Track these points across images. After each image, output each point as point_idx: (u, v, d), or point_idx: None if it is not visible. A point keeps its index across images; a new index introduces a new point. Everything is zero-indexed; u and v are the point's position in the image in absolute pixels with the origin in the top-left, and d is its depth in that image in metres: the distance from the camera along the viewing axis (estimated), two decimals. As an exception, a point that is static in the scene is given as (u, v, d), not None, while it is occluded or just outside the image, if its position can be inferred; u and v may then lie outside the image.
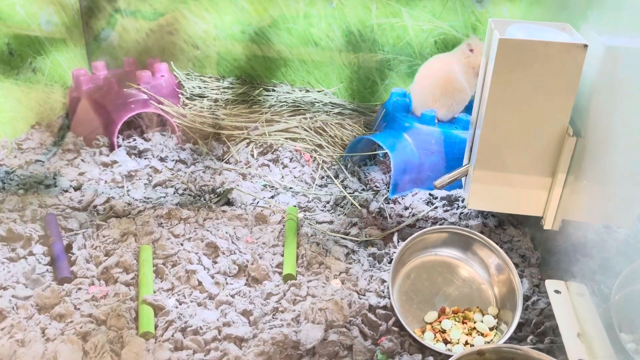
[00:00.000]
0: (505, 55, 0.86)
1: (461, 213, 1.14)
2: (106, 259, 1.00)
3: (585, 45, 0.83)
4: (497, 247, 0.93)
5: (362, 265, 1.03)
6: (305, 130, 1.40)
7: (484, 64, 0.97)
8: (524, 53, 0.85)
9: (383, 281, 0.97)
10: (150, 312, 0.89)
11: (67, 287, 0.93)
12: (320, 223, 1.16)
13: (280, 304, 0.93)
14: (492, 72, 0.88)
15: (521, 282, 0.93)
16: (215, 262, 1.03)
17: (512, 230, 1.08)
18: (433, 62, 1.27)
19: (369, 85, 1.53)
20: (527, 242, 1.04)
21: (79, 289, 0.94)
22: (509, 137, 0.92)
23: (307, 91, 1.52)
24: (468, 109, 1.26)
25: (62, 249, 1.01)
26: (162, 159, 1.33)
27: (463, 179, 1.09)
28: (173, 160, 1.34)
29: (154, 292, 0.94)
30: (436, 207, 1.18)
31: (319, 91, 1.53)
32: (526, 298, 0.92)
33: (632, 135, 0.85)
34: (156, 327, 0.88)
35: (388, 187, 1.25)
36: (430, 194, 1.22)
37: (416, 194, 1.22)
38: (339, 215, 1.19)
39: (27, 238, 1.04)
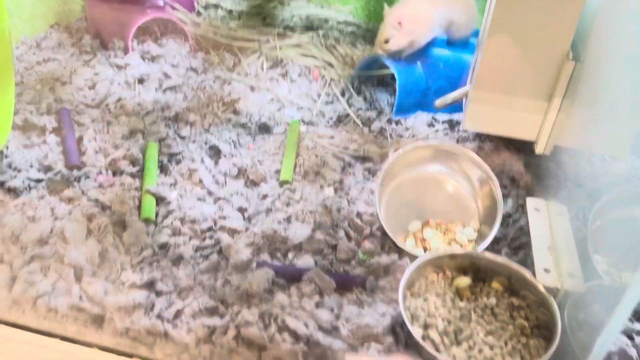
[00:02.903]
0: (512, -29, 0.85)
1: (459, 137, 1.16)
2: (114, 152, 1.05)
3: (595, -34, 0.82)
4: (481, 161, 0.96)
5: (356, 177, 1.07)
6: (316, 47, 1.41)
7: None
8: (531, -30, 0.84)
9: (373, 191, 1.01)
10: (152, 201, 0.95)
11: (76, 174, 1.00)
12: (321, 137, 1.19)
13: (274, 204, 0.99)
14: (498, -11, 0.87)
15: (505, 201, 0.96)
16: (217, 164, 1.08)
17: (506, 155, 1.10)
18: None
19: (385, 6, 1.51)
20: (519, 166, 1.06)
21: (87, 177, 1.00)
22: (510, 58, 0.92)
23: (322, 7, 1.51)
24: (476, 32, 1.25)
25: (73, 140, 1.07)
26: (173, 66, 1.36)
27: (464, 101, 1.10)
28: (184, 68, 1.36)
29: (157, 185, 1.00)
30: (437, 130, 1.20)
31: (334, 9, 1.52)
32: (508, 216, 0.95)
33: (631, 62, 0.85)
34: (157, 215, 0.94)
35: (392, 108, 1.27)
36: (433, 117, 1.24)
37: (419, 116, 1.24)
38: (340, 131, 1.22)
39: (42, 128, 1.10)
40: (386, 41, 1.19)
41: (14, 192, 0.95)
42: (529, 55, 0.91)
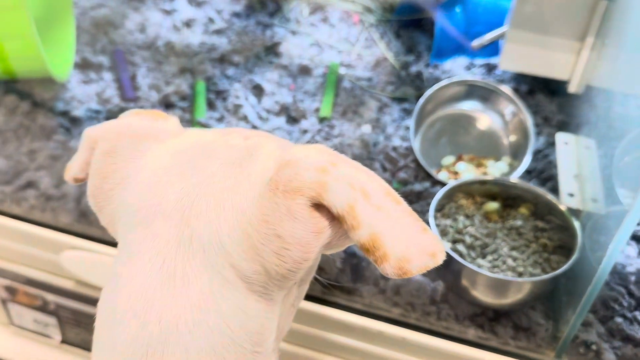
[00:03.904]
0: None
1: (496, 80, 1.19)
2: (166, 88, 1.13)
3: None
4: (515, 96, 0.99)
5: (393, 116, 1.12)
6: (356, -7, 1.44)
7: None
8: None
9: (409, 128, 1.06)
10: (201, 132, 1.03)
11: (132, 106, 1.08)
12: (360, 80, 1.24)
13: (314, 139, 1.05)
14: None
15: (537, 138, 1.00)
16: (260, 102, 1.14)
17: (540, 97, 1.13)
18: None
19: (425, -47, 1.52)
20: (553, 107, 1.09)
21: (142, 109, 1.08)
22: (547, -4, 0.95)
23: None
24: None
25: (128, 77, 1.15)
26: (218, 11, 1.42)
27: (500, 43, 1.13)
28: (228, 13, 1.42)
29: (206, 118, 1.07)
30: (475, 74, 1.23)
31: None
32: (539, 151, 0.99)
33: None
34: (205, 145, 1.02)
35: (430, 53, 1.30)
36: (470, 62, 1.26)
37: (457, 60, 1.27)
38: (378, 74, 1.26)
39: (98, 66, 1.18)
40: None
41: (77, 120, 1.04)
42: (566, -8, 0.93)
